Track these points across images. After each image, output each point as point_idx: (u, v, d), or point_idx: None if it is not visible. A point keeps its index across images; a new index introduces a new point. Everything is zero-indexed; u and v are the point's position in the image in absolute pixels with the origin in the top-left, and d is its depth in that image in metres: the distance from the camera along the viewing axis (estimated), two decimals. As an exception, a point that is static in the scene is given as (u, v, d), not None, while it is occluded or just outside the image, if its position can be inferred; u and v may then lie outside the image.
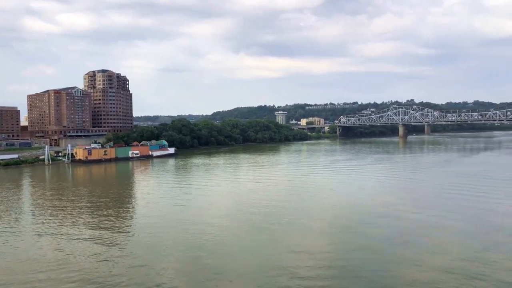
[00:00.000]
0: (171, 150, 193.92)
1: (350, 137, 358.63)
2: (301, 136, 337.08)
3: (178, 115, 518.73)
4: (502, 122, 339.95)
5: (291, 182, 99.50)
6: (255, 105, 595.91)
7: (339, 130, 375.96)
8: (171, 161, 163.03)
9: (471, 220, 57.31)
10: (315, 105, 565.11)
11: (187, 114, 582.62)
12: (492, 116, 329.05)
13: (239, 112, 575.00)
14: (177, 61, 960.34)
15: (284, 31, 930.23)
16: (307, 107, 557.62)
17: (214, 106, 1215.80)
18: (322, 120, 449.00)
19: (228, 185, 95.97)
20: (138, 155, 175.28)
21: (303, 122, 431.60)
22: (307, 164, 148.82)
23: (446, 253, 43.40)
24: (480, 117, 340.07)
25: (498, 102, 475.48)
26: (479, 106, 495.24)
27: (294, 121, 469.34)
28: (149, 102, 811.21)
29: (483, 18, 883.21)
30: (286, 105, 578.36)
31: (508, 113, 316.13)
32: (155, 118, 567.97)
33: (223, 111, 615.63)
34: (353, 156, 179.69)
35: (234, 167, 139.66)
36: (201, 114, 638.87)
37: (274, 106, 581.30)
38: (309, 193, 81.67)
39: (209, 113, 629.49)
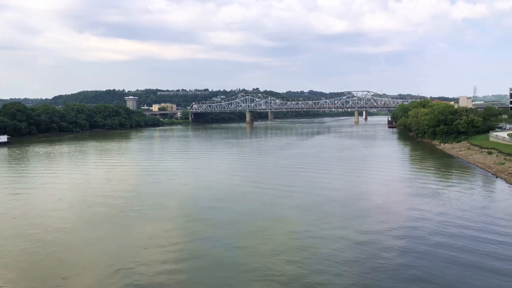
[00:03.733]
0: (3, 138, 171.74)
1: (202, 123, 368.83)
2: (153, 122, 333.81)
3: (11, 99, 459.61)
4: (331, 109, 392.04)
5: (145, 169, 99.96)
6: (103, 89, 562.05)
7: (191, 116, 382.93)
8: (3, 151, 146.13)
9: (308, 195, 66.23)
10: (167, 91, 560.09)
11: (22, 98, 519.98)
12: (323, 104, 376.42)
13: (84, 96, 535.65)
14: (6, 37, 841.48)
15: (132, 12, 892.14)
16: (159, 93, 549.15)
17: (56, 89, 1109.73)
18: (174, 106, 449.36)
19: (76, 175, 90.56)
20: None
21: (155, 107, 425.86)
22: (160, 150, 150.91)
23: (287, 222, 50.91)
24: (314, 105, 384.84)
25: (328, 92, 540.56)
26: (313, 95, 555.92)
27: (146, 107, 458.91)
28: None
29: (316, 15, 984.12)
30: (137, 90, 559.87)
31: (336, 101, 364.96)
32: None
33: (66, 95, 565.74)
34: (205, 141, 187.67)
35: (82, 155, 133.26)
36: (39, 97, 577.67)
37: (124, 90, 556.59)
38: (162, 179, 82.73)
39: (50, 96, 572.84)
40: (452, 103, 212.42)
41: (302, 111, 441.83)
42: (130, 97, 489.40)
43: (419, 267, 36.39)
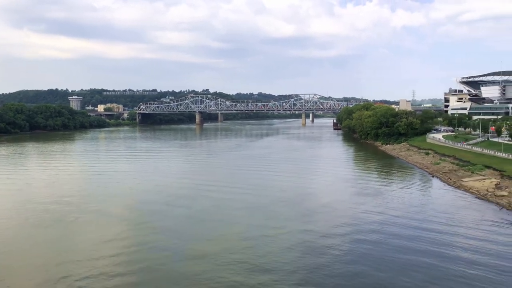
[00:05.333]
0: None
1: (150, 124, 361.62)
2: (98, 123, 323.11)
3: None
4: (280, 112, 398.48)
5: (90, 172, 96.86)
6: (45, 88, 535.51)
7: (138, 117, 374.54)
8: None
9: (257, 196, 67.54)
10: (114, 91, 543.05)
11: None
12: (272, 106, 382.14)
13: (24, 95, 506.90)
14: None
15: (76, 9, 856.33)
16: (104, 93, 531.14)
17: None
18: (121, 106, 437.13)
19: (16, 179, 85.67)
20: None
21: (100, 108, 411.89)
22: (107, 152, 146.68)
23: (237, 224, 51.76)
24: (263, 107, 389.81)
25: (276, 94, 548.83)
26: (262, 97, 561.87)
27: (90, 107, 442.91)
28: None
29: (265, 18, 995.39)
30: (82, 89, 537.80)
31: (284, 104, 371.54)
32: None
33: (3, 94, 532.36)
34: (153, 143, 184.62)
35: (23, 158, 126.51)
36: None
37: (67, 90, 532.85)
38: (109, 183, 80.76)
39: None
40: (393, 106, 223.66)
41: (252, 113, 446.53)
42: (74, 97, 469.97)
43: (364, 265, 38.72)
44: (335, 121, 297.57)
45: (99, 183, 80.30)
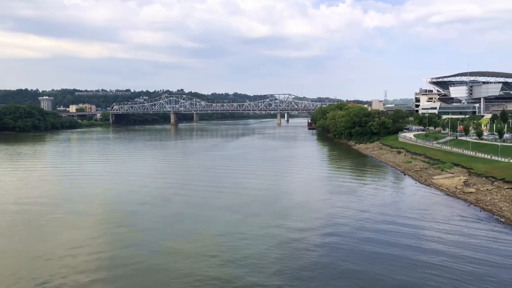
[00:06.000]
0: None
1: (123, 124, 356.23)
2: (71, 124, 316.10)
3: None
4: (255, 111, 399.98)
5: (64, 173, 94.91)
6: (13, 88, 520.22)
7: (112, 118, 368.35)
8: None
9: (234, 196, 67.87)
10: (86, 91, 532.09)
11: None
12: (248, 107, 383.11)
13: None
14: None
15: (46, 7, 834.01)
16: (77, 93, 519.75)
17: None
18: (94, 107, 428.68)
19: None
20: None
21: (72, 108, 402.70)
22: (80, 153, 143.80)
23: (214, 224, 52.05)
24: (239, 107, 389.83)
25: (252, 94, 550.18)
26: (238, 97, 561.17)
27: (62, 108, 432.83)
28: None
29: (239, 19, 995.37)
30: (53, 89, 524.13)
31: (259, 104, 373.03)
32: None
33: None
34: (127, 144, 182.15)
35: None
36: None
37: (38, 90, 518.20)
38: (83, 184, 79.50)
39: None
40: (366, 106, 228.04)
41: (227, 113, 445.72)
42: (44, 97, 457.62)
43: (338, 258, 39.82)
44: (309, 121, 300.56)
45: (72, 185, 79.08)
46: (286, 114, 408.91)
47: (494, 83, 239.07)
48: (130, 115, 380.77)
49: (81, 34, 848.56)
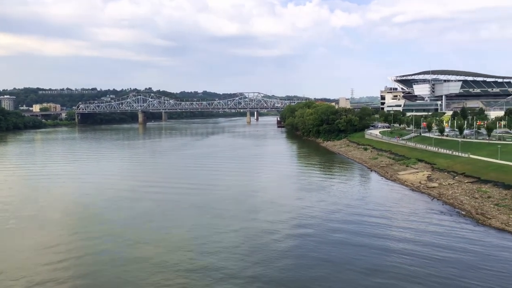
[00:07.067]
0: None
1: (90, 124, 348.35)
2: (34, 124, 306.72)
3: None
4: (225, 110, 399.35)
5: (27, 175, 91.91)
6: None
7: (78, 117, 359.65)
8: None
9: (204, 194, 67.87)
10: (50, 90, 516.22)
11: None
12: (217, 105, 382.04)
13: None
14: None
15: (5, 2, 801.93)
16: (40, 92, 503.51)
17: None
18: (58, 106, 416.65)
19: None
20: None
21: (36, 108, 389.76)
22: (44, 154, 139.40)
23: (183, 222, 51.86)
24: (208, 105, 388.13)
25: (221, 93, 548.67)
26: (207, 95, 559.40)
27: (25, 107, 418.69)
28: None
29: (208, 17, 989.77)
30: (14, 88, 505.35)
31: (229, 102, 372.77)
32: None
33: None
34: (94, 144, 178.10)
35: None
36: None
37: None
38: (48, 186, 77.41)
39: None
40: (333, 104, 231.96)
41: (197, 111, 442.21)
42: (5, 96, 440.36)
43: (311, 251, 40.68)
44: (279, 119, 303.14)
45: (37, 187, 76.78)
46: (255, 113, 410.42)
47: (455, 81, 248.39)
48: (96, 114, 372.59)
49: (44, 31, 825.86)
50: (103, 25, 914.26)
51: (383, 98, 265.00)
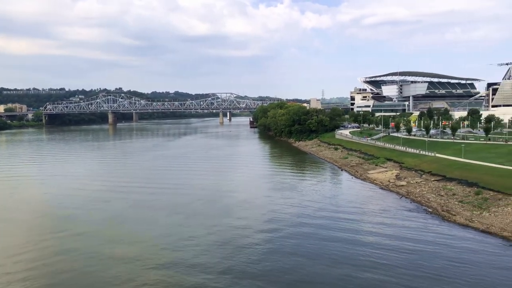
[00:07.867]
0: None
1: (58, 125, 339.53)
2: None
3: None
4: (197, 110, 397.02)
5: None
6: None
7: (45, 118, 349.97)
8: None
9: (176, 195, 67.79)
10: (16, 90, 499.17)
11: None
12: (190, 105, 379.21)
13: None
14: None
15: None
16: (5, 92, 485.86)
17: None
18: (24, 106, 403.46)
19: None
20: None
21: (0, 108, 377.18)
22: (9, 156, 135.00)
23: (155, 224, 51.52)
24: (180, 106, 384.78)
25: (194, 93, 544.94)
26: (179, 96, 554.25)
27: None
28: None
29: (178, 16, 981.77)
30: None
31: (202, 103, 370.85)
32: None
33: None
34: (63, 145, 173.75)
35: None
36: None
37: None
38: (13, 188, 75.53)
39: None
40: (304, 104, 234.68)
41: (169, 112, 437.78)
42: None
43: (284, 256, 41.33)
44: (251, 119, 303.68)
45: (4, 190, 74.69)
46: (228, 113, 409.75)
47: (421, 82, 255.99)
48: (65, 115, 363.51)
49: (8, 29, 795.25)
50: (71, 24, 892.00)
51: (353, 99, 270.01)
